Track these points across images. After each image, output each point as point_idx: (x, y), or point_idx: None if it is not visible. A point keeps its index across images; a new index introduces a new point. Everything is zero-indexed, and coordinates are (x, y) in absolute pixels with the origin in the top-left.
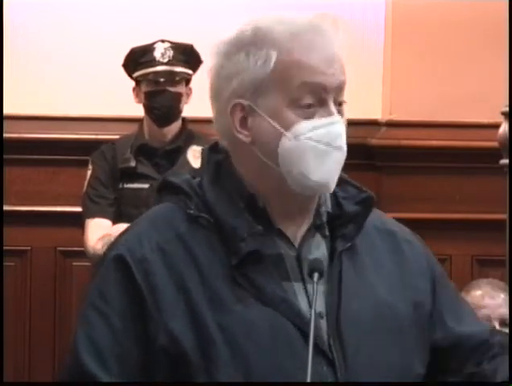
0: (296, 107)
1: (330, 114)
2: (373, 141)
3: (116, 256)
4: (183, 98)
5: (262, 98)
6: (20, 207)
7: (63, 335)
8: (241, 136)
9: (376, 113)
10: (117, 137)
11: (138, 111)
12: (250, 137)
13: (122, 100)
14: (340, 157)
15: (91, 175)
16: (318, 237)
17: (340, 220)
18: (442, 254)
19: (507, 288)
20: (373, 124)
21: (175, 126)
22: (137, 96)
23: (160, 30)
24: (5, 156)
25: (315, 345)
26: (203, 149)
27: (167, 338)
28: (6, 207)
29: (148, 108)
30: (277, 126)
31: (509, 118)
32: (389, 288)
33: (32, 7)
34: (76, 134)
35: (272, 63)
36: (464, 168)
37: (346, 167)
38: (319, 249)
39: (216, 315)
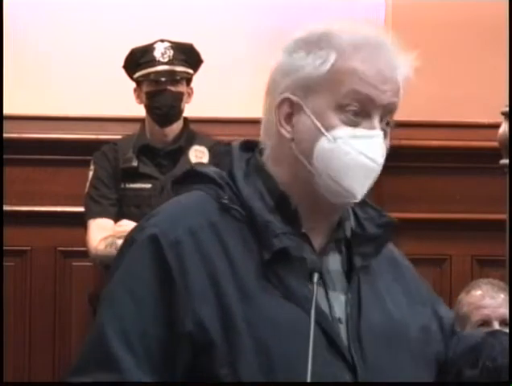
0: (341, 112)
1: (372, 128)
2: None
3: (150, 236)
4: (185, 98)
5: (312, 97)
6: (20, 207)
7: (63, 335)
8: (283, 130)
9: None
10: (117, 137)
11: (138, 111)
12: (292, 133)
13: (122, 100)
14: (372, 168)
15: (93, 176)
16: (334, 250)
17: (361, 239)
18: (442, 254)
19: (507, 288)
20: None
21: (176, 126)
22: (138, 96)
23: (161, 30)
24: (5, 156)
25: (337, 349)
26: (232, 146)
27: (195, 325)
28: (6, 207)
29: (149, 109)
30: (319, 125)
31: (509, 118)
32: (399, 310)
33: (33, 7)
34: (76, 134)
35: (329, 65)
36: (464, 168)
37: None
38: (336, 262)
39: (244, 308)
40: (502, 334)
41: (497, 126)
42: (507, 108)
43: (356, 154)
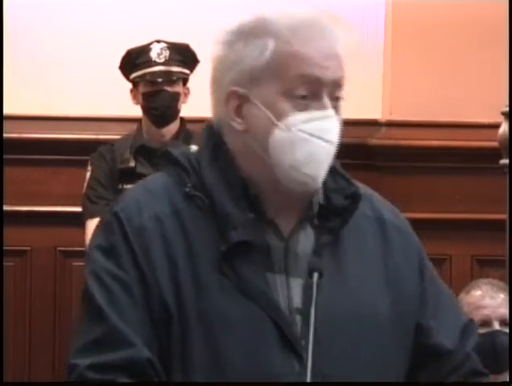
0: (290, 98)
1: (324, 108)
2: (373, 141)
3: (115, 219)
4: (181, 98)
5: (258, 87)
6: (20, 207)
7: (63, 335)
8: (235, 124)
9: (376, 113)
10: (116, 137)
11: (138, 111)
12: (244, 125)
13: (122, 100)
14: (330, 151)
15: (90, 176)
16: (309, 229)
17: (328, 213)
18: (442, 254)
19: (507, 288)
20: (373, 124)
21: (173, 126)
22: (134, 97)
23: (160, 30)
24: (5, 156)
25: (288, 341)
26: (203, 128)
27: (162, 311)
28: (6, 207)
29: (146, 109)
30: (270, 116)
31: (509, 118)
32: (370, 285)
33: (32, 7)
34: (76, 134)
35: (269, 53)
36: (464, 168)
37: (346, 167)
38: (307, 242)
39: (197, 299)
40: (502, 333)
41: (497, 126)
42: (507, 108)
43: (312, 140)
